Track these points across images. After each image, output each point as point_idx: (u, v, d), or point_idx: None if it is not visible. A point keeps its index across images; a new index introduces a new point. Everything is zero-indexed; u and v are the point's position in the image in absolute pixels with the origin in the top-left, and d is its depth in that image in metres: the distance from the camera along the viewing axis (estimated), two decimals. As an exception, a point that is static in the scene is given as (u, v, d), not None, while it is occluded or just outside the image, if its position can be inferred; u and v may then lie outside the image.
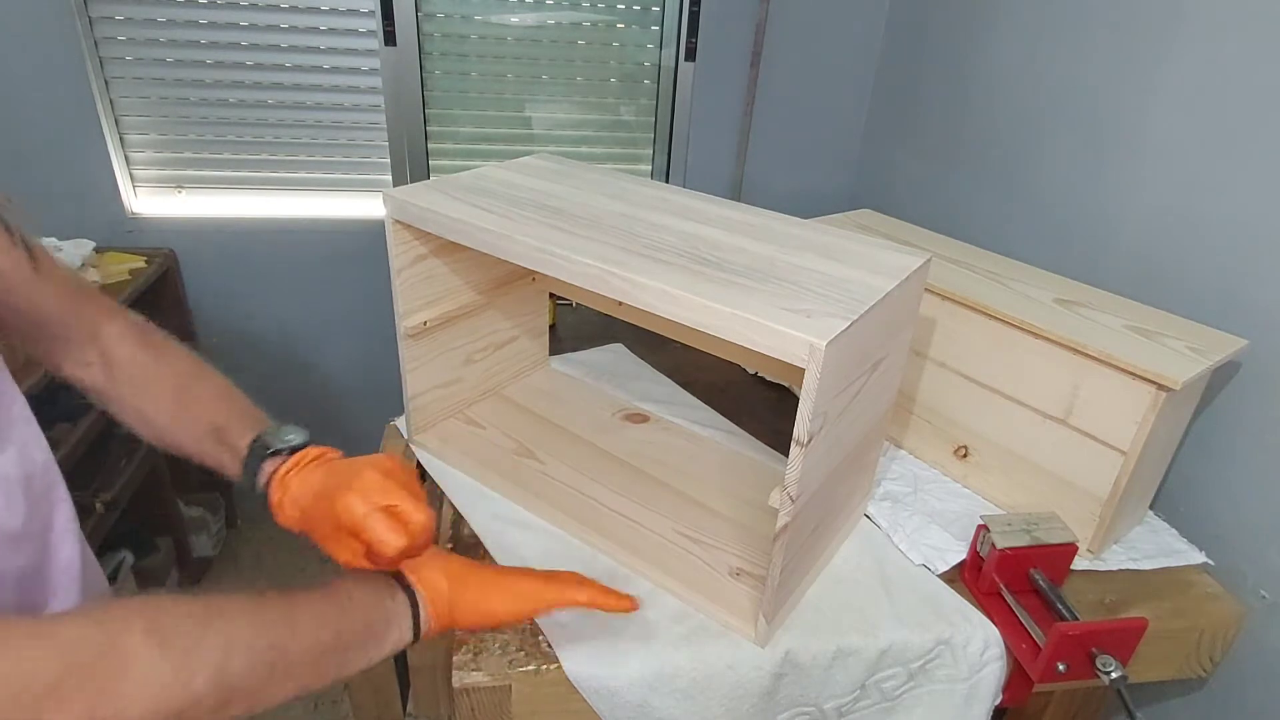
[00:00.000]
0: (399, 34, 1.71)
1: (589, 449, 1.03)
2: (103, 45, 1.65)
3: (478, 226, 0.78)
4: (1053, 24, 1.27)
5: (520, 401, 1.13)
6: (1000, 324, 0.93)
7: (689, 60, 1.83)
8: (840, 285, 0.70)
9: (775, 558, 0.70)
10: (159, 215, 1.81)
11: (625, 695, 0.73)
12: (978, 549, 0.87)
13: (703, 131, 1.92)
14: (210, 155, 1.80)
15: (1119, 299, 0.99)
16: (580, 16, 1.79)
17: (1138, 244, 1.10)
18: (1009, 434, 0.97)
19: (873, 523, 0.95)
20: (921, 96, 1.69)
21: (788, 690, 0.78)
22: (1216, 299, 0.97)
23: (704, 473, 1.00)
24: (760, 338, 0.62)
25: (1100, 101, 1.17)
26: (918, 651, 0.80)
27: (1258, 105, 0.92)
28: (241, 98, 1.75)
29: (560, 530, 0.90)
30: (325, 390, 2.09)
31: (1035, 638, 0.79)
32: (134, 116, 1.73)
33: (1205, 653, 0.91)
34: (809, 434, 0.63)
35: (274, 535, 2.19)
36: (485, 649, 0.75)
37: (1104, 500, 0.89)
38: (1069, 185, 1.24)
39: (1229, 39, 0.96)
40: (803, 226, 0.85)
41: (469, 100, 1.85)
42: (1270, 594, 0.89)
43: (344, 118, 1.80)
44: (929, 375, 1.04)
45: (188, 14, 1.64)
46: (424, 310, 0.95)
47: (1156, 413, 0.82)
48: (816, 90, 1.90)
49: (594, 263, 0.70)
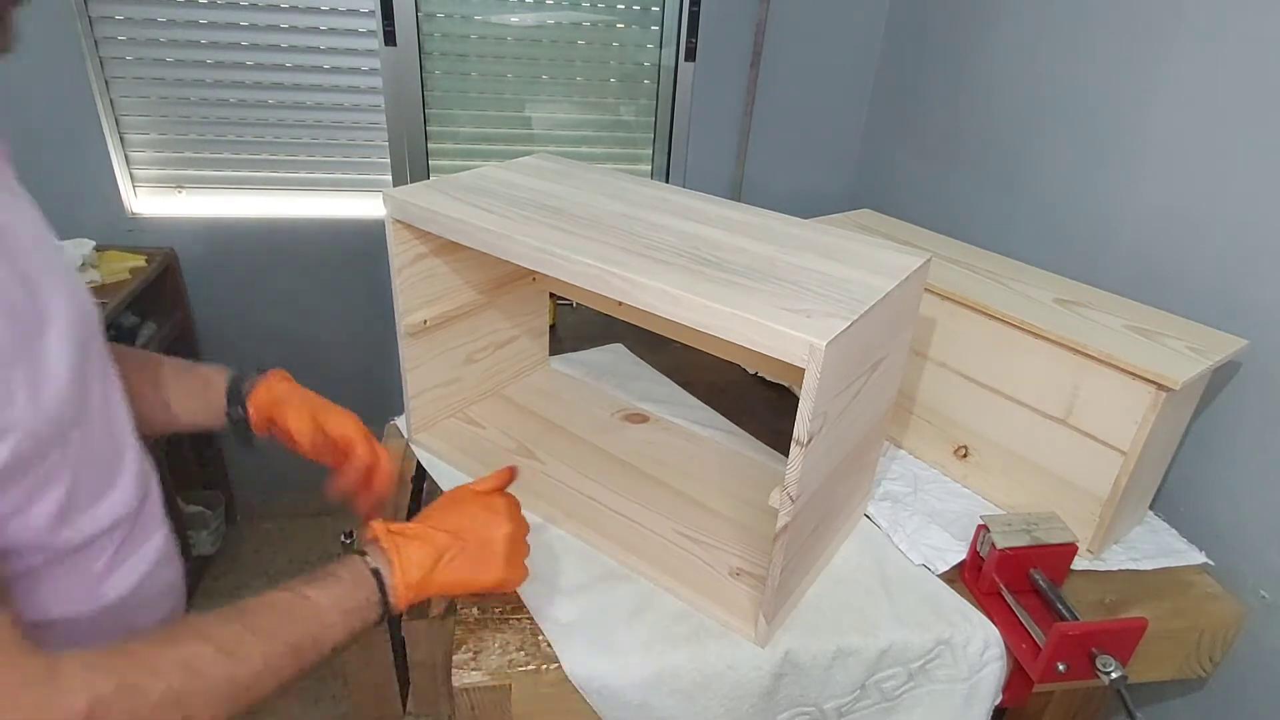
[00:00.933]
0: (399, 34, 1.71)
1: (589, 449, 1.03)
2: (103, 45, 1.65)
3: (478, 226, 0.78)
4: (1053, 24, 1.27)
5: (520, 401, 1.13)
6: (1000, 324, 0.93)
7: (689, 60, 1.83)
8: (840, 285, 0.70)
9: (775, 558, 0.70)
10: (159, 215, 1.81)
11: (625, 695, 0.73)
12: (978, 549, 0.87)
13: (703, 131, 1.92)
14: (210, 155, 1.80)
15: (1119, 299, 0.99)
16: (580, 16, 1.79)
17: (1138, 244, 1.10)
18: (1009, 434, 0.97)
19: (873, 523, 0.95)
20: (921, 96, 1.69)
21: (788, 690, 0.78)
22: (1216, 299, 0.97)
23: (704, 473, 1.00)
24: (760, 338, 0.62)
25: (1100, 101, 1.17)
26: (918, 651, 0.80)
27: (1257, 105, 0.92)
28: (241, 98, 1.75)
29: (560, 530, 0.90)
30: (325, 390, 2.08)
31: (1035, 638, 0.79)
32: (134, 116, 1.73)
33: (1205, 653, 0.91)
34: (809, 434, 0.63)
35: (274, 533, 2.20)
36: (485, 649, 0.75)
37: (1104, 500, 0.89)
38: (1069, 185, 1.24)
39: (1229, 39, 0.96)
40: (803, 226, 0.85)
41: (469, 100, 1.85)
42: (1270, 594, 0.89)
43: (344, 118, 1.80)
44: (929, 375, 1.04)
45: (188, 14, 1.64)
46: (424, 309, 0.95)
47: (1156, 413, 0.82)
48: (816, 90, 1.90)
49: (594, 263, 0.70)
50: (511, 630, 0.77)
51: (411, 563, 0.64)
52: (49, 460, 0.52)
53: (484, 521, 0.69)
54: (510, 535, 0.69)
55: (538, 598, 0.80)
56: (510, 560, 0.69)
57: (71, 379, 0.53)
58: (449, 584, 0.66)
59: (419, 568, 0.64)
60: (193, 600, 1.95)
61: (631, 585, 0.82)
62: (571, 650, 0.74)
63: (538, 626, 0.77)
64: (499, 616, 0.79)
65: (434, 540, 0.66)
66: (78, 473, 0.55)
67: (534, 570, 0.82)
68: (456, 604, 0.80)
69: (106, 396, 0.61)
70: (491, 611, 0.79)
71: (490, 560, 0.68)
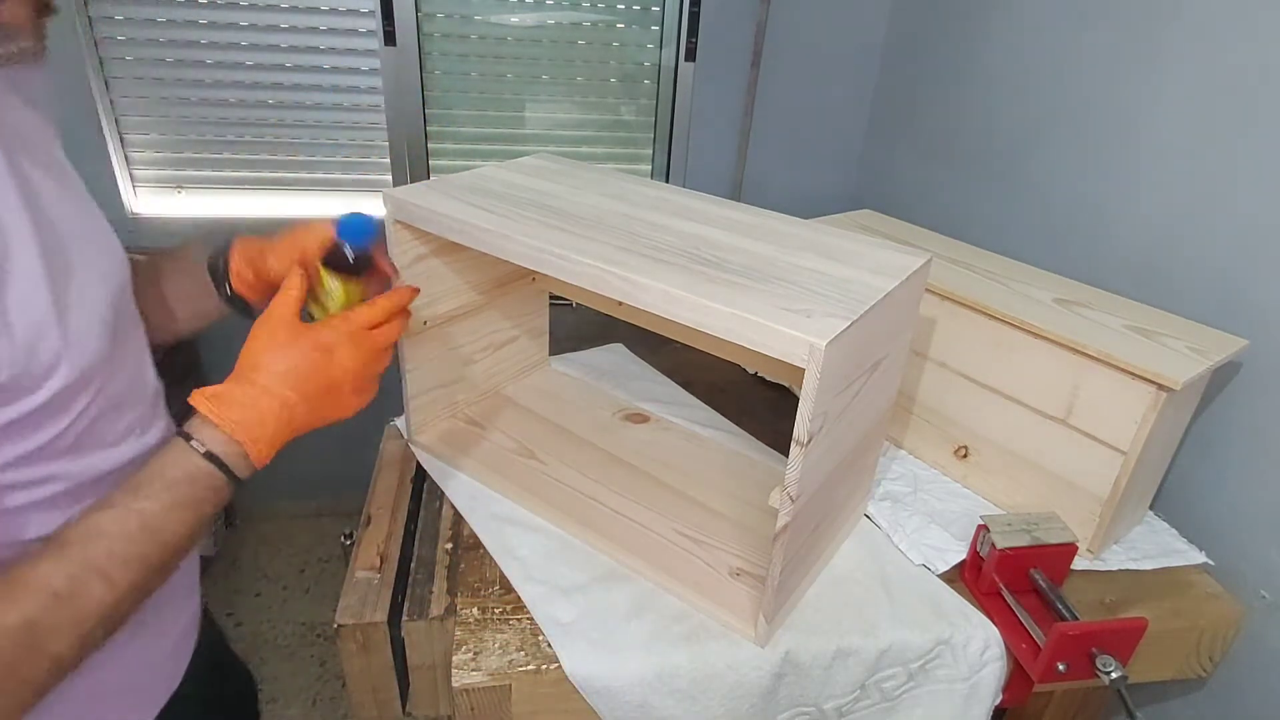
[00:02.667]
0: (399, 34, 1.71)
1: (589, 449, 1.03)
2: (103, 45, 1.65)
3: (478, 226, 0.78)
4: (1053, 24, 1.27)
5: (520, 401, 1.13)
6: (1000, 324, 0.93)
7: (689, 60, 1.83)
8: (840, 285, 0.70)
9: (775, 558, 0.70)
10: (159, 215, 1.81)
11: (625, 695, 0.73)
12: (978, 549, 0.87)
13: (703, 131, 1.92)
14: (210, 155, 1.80)
15: (1119, 299, 0.99)
16: (580, 16, 1.79)
17: (1138, 244, 1.10)
18: (1009, 434, 0.97)
19: (873, 523, 0.95)
20: (921, 96, 1.69)
21: (788, 690, 0.78)
22: (1216, 299, 0.97)
23: (704, 473, 1.00)
24: (760, 338, 0.62)
25: (1100, 101, 1.17)
26: (918, 651, 0.80)
27: (1258, 105, 0.92)
28: (241, 98, 1.75)
29: (560, 530, 0.90)
30: (325, 390, 2.08)
31: (1035, 638, 0.79)
32: (134, 116, 1.73)
33: (1205, 653, 0.91)
34: (809, 434, 0.63)
35: (273, 535, 2.20)
36: (485, 649, 0.75)
37: (1104, 500, 0.89)
38: (1069, 185, 1.24)
39: (1229, 39, 0.96)
40: (803, 226, 0.85)
41: (469, 100, 1.85)
42: (1270, 594, 0.89)
43: (344, 118, 1.80)
44: (929, 375, 1.04)
45: (188, 14, 1.64)
46: (424, 310, 0.95)
47: (1156, 413, 0.82)
48: (817, 90, 1.90)
49: (594, 263, 0.70)
50: (511, 630, 0.77)
51: (250, 429, 0.58)
52: (85, 394, 0.55)
53: (320, 366, 0.63)
54: (355, 372, 0.65)
55: (538, 598, 0.80)
56: (360, 391, 0.66)
57: (104, 324, 0.57)
58: (295, 434, 0.62)
59: (259, 433, 0.58)
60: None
61: (631, 585, 0.82)
62: (571, 650, 0.74)
63: (538, 626, 0.77)
64: (499, 617, 0.79)
65: (267, 401, 0.60)
66: (105, 411, 0.58)
67: (534, 570, 0.83)
68: (456, 604, 0.80)
69: (138, 344, 0.66)
70: (491, 612, 0.79)
71: (338, 402, 0.64)
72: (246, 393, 0.60)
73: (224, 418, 0.58)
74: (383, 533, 0.90)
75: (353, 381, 0.65)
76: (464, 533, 0.90)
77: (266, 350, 0.63)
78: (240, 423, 0.58)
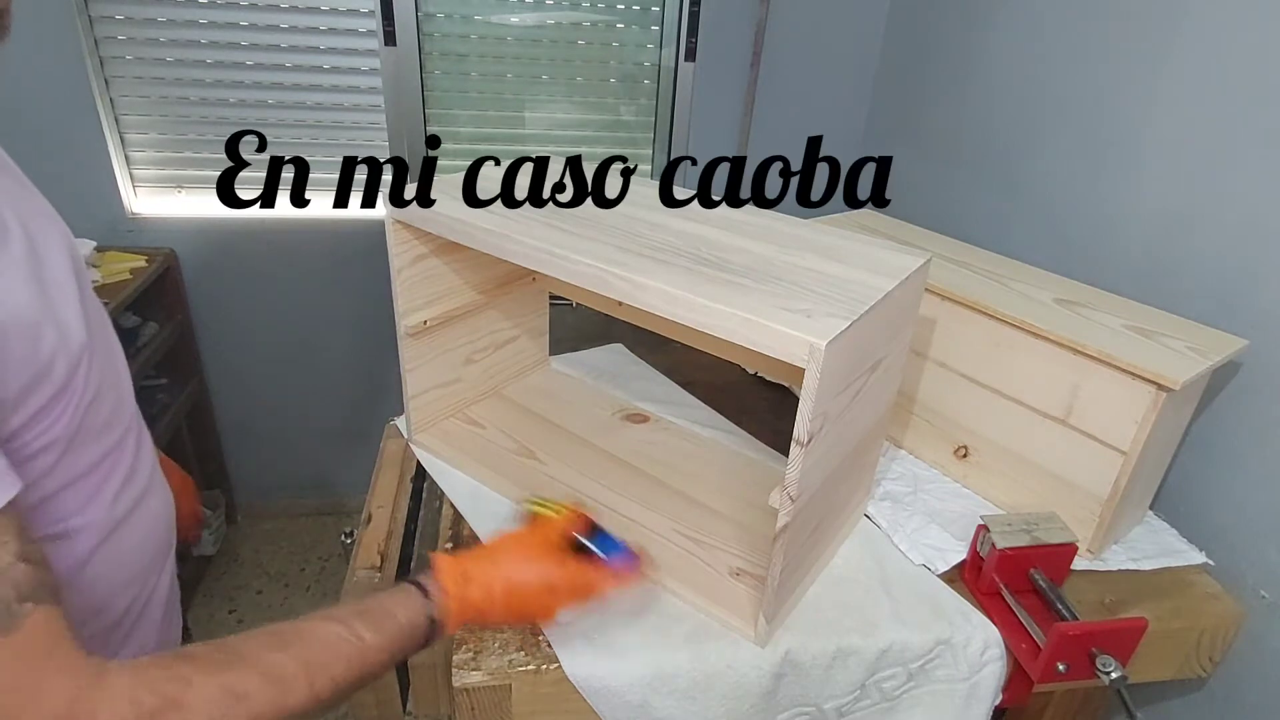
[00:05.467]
0: (399, 34, 1.71)
1: (589, 449, 1.03)
2: (103, 45, 1.65)
3: (478, 226, 0.78)
4: (1053, 24, 1.27)
5: (520, 401, 1.13)
6: (1000, 324, 0.93)
7: (689, 60, 1.83)
8: (840, 285, 0.70)
9: (775, 558, 0.70)
10: (159, 215, 1.81)
11: (625, 695, 0.73)
12: (978, 549, 0.87)
13: (703, 131, 1.92)
14: (210, 155, 1.80)
15: (1119, 299, 0.99)
16: (580, 16, 1.79)
17: (1137, 244, 1.10)
18: (1009, 434, 0.97)
19: (873, 523, 0.95)
20: (921, 96, 1.69)
21: (788, 690, 0.78)
22: (1216, 299, 0.97)
23: (704, 473, 1.00)
24: (760, 338, 0.62)
25: (1100, 101, 1.17)
26: (918, 651, 0.80)
27: (1258, 105, 0.92)
28: (241, 98, 1.75)
29: (560, 530, 0.90)
30: (325, 390, 2.08)
31: (1035, 638, 0.79)
32: (134, 116, 1.73)
33: (1205, 653, 0.91)
34: (809, 434, 0.63)
35: (274, 532, 2.20)
36: (485, 649, 0.75)
37: (1104, 500, 0.89)
38: (1069, 185, 1.24)
39: (1230, 39, 0.96)
40: (803, 226, 0.85)
41: (469, 100, 1.84)
42: (1270, 594, 0.89)
43: (344, 118, 1.80)
44: (929, 375, 1.04)
45: (188, 14, 1.64)
46: (424, 310, 0.95)
47: (1156, 413, 0.82)
48: (816, 90, 1.90)
49: (594, 263, 0.70)
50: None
51: (467, 610, 0.65)
52: (76, 378, 0.57)
53: (538, 597, 0.68)
54: (552, 611, 0.70)
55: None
56: (546, 613, 0.71)
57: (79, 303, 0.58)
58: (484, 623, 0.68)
59: (470, 615, 0.66)
60: (193, 600, 1.95)
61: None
62: (571, 650, 0.74)
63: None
64: (499, 616, 0.79)
65: (492, 592, 0.66)
66: (97, 392, 0.59)
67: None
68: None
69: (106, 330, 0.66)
70: (491, 611, 0.79)
71: (532, 614, 0.71)
72: (482, 579, 0.66)
73: (460, 598, 0.64)
74: (383, 531, 0.90)
75: (544, 615, 0.71)
76: (464, 532, 0.90)
77: (521, 559, 0.69)
78: (466, 601, 0.65)
